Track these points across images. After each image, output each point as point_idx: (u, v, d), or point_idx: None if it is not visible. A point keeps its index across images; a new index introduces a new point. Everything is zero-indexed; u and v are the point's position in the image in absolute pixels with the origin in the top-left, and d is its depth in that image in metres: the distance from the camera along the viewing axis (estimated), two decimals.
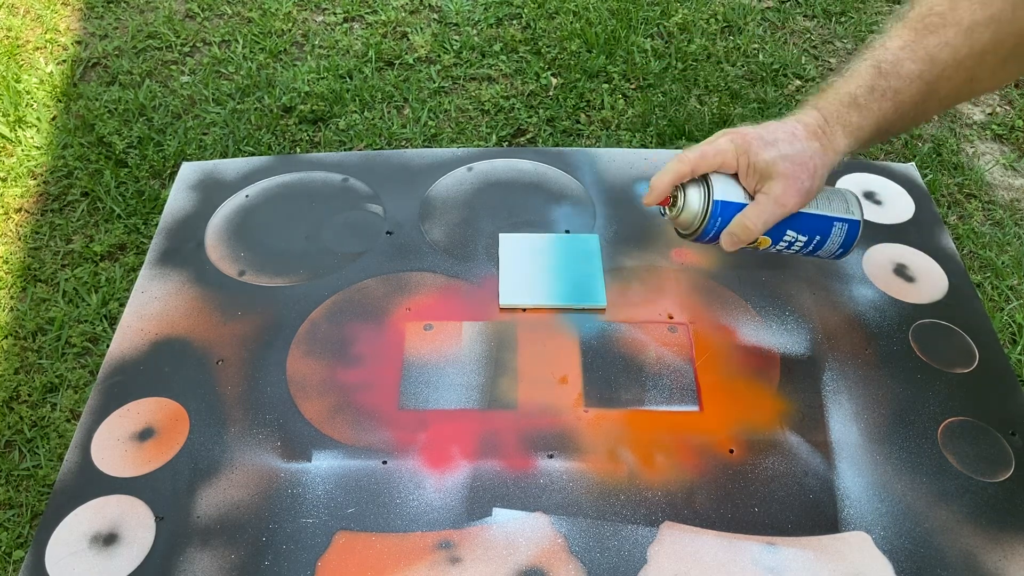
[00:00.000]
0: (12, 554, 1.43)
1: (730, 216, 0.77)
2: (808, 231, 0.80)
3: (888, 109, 0.76)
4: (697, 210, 0.78)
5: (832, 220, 0.80)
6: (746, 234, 0.77)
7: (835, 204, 0.81)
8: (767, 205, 0.76)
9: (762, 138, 0.76)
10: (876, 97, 0.76)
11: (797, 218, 0.79)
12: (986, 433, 0.83)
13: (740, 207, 0.77)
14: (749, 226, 0.77)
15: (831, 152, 0.77)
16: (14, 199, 1.97)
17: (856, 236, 0.82)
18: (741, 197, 0.78)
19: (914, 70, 0.76)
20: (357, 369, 0.87)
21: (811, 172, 0.76)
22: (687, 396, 0.85)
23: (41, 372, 1.66)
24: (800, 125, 0.77)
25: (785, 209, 0.77)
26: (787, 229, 0.79)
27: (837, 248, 0.82)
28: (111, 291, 1.78)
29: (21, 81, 2.22)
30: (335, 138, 2.10)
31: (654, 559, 0.74)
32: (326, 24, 2.42)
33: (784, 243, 0.80)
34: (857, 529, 0.76)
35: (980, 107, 2.26)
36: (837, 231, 0.81)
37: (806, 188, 0.76)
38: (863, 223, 0.82)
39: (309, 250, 0.99)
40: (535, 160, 1.10)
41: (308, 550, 0.74)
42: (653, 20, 2.39)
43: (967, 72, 0.76)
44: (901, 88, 0.76)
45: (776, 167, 0.75)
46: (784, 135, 0.76)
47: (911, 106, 0.77)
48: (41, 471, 1.52)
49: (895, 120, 0.77)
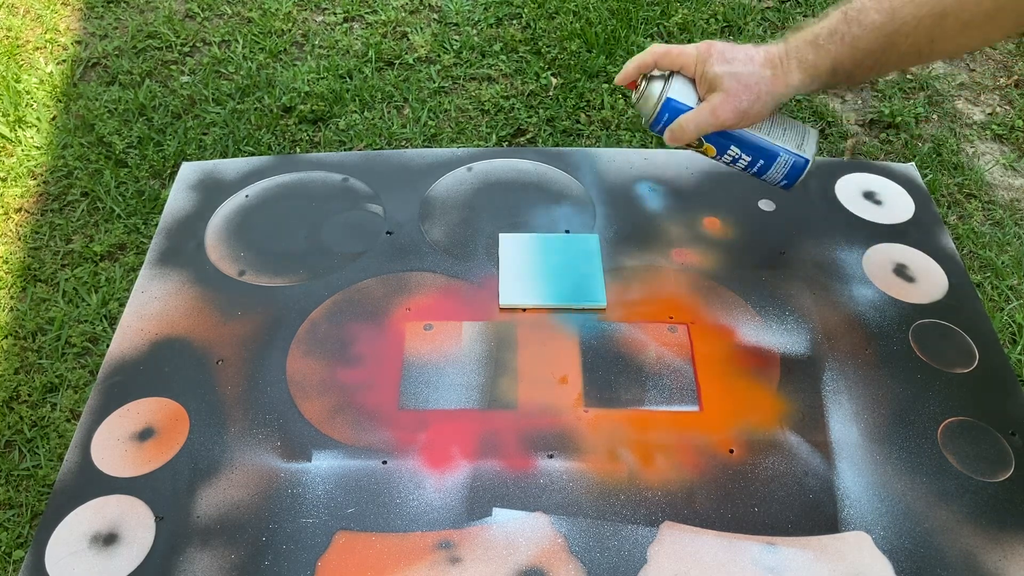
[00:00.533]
0: (12, 554, 1.43)
1: (677, 115, 0.86)
2: (751, 152, 0.87)
3: (845, 54, 0.81)
4: (653, 101, 0.86)
5: (779, 151, 0.87)
6: (680, 133, 0.86)
7: (789, 137, 0.87)
8: (703, 112, 0.84)
9: (723, 53, 0.83)
10: (835, 40, 0.80)
11: (743, 138, 0.87)
12: (986, 433, 0.83)
13: (686, 109, 0.85)
14: (684, 125, 0.85)
15: (781, 83, 0.82)
16: (14, 199, 1.97)
17: (800, 172, 0.88)
18: (692, 102, 0.85)
19: (876, 20, 0.79)
20: (357, 369, 0.87)
21: (754, 95, 0.82)
22: (687, 396, 0.85)
23: (41, 372, 1.66)
24: (762, 51, 0.83)
25: (717, 120, 0.84)
26: (731, 144, 0.87)
27: (781, 178, 0.89)
28: (111, 291, 1.78)
29: (21, 81, 2.22)
30: (335, 138, 2.10)
31: (654, 559, 0.74)
32: (326, 24, 2.42)
33: (728, 157, 0.88)
34: (857, 529, 0.76)
35: (980, 107, 2.26)
36: (781, 161, 0.88)
37: (743, 108, 0.83)
38: (811, 162, 0.88)
39: (309, 250, 0.99)
40: (535, 160, 1.10)
41: (308, 550, 0.74)
42: (653, 20, 2.39)
43: (927, 32, 0.78)
44: (860, 35, 0.80)
45: (721, 81, 0.82)
46: (743, 56, 0.83)
47: (868, 54, 0.80)
48: (41, 471, 1.52)
49: (852, 66, 0.81)
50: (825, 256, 0.98)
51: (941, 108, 2.24)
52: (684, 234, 1.01)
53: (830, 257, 0.98)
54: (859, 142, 2.14)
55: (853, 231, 1.02)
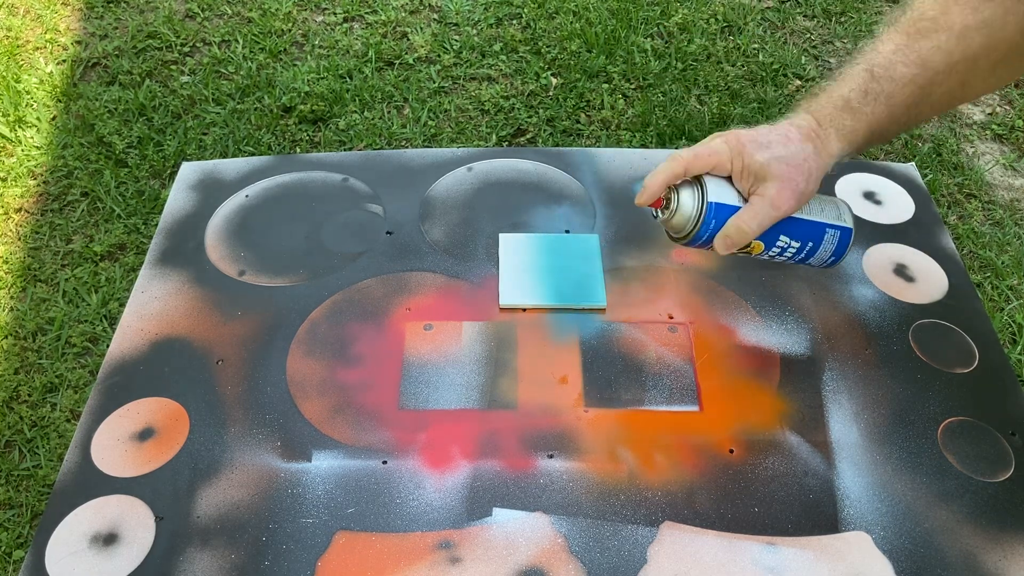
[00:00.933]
0: (12, 554, 1.43)
1: (724, 219, 0.77)
2: (801, 237, 0.80)
3: (881, 112, 0.76)
4: (691, 212, 0.77)
5: (825, 227, 0.80)
6: (741, 236, 0.77)
7: (827, 211, 0.81)
8: (762, 207, 0.76)
9: (756, 140, 0.76)
10: (869, 100, 0.76)
11: (790, 223, 0.79)
12: (986, 433, 0.83)
13: (734, 209, 0.77)
14: (744, 228, 0.76)
15: (825, 155, 0.77)
16: (14, 199, 1.97)
17: (848, 244, 0.82)
18: (735, 200, 0.77)
19: (907, 74, 0.76)
20: (357, 369, 0.87)
21: (806, 174, 0.76)
22: (687, 396, 0.85)
23: (41, 372, 1.66)
24: (794, 128, 0.77)
25: (780, 211, 0.76)
26: (780, 234, 0.79)
27: (829, 256, 0.82)
28: (111, 291, 1.78)
29: (21, 81, 2.22)
30: (335, 138, 2.10)
31: (654, 559, 0.74)
32: (326, 24, 2.42)
33: (777, 248, 0.80)
34: (857, 529, 0.76)
35: (980, 107, 2.26)
36: (829, 238, 0.81)
37: (800, 190, 0.76)
38: (855, 231, 0.82)
39: (309, 250, 0.99)
40: (535, 160, 1.10)
41: (308, 550, 0.74)
42: (653, 20, 2.39)
43: (959, 76, 0.76)
44: (894, 92, 0.76)
45: (771, 169, 0.75)
46: (778, 137, 0.76)
47: (904, 109, 0.77)
48: (41, 471, 1.52)
49: (888, 123, 0.77)
50: None
51: None
52: None
53: None
54: None
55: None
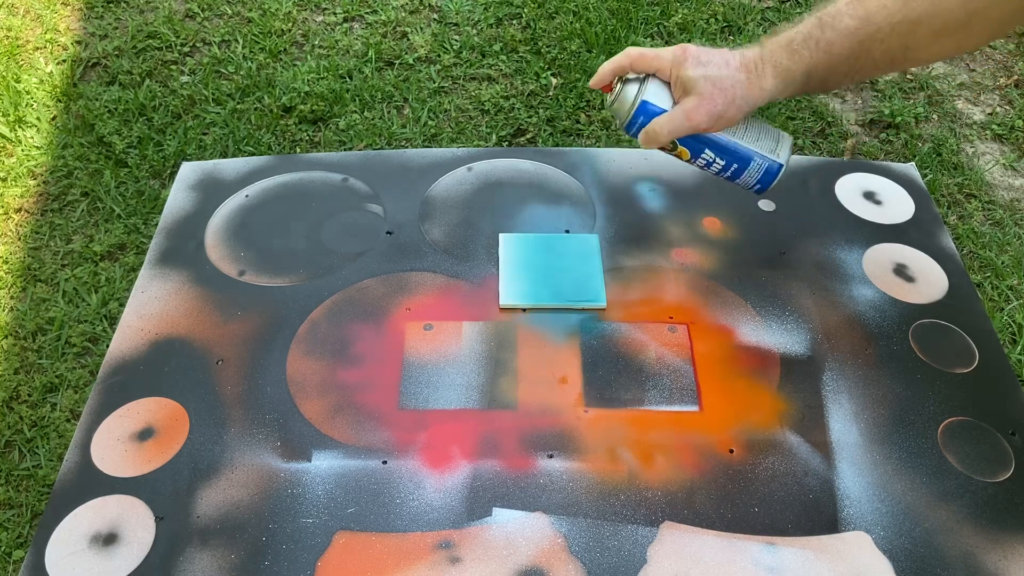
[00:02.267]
0: (12, 554, 1.43)
1: (651, 118, 0.85)
2: (725, 156, 0.87)
3: (819, 58, 0.80)
4: (627, 104, 0.85)
5: (753, 154, 0.86)
6: (654, 136, 0.84)
7: (763, 142, 0.87)
8: (676, 115, 0.83)
9: (698, 57, 0.82)
10: (810, 45, 0.80)
11: (717, 141, 0.86)
12: (986, 433, 0.83)
13: (660, 111, 0.84)
14: (657, 129, 0.84)
15: (756, 87, 0.82)
16: (14, 199, 1.97)
17: (774, 177, 0.88)
18: (667, 105, 0.85)
19: (850, 26, 0.79)
20: (357, 369, 0.87)
21: (728, 99, 0.81)
22: (687, 396, 0.85)
23: (41, 372, 1.66)
24: (738, 55, 0.82)
25: (691, 123, 0.82)
26: (705, 148, 0.86)
27: (754, 182, 0.88)
28: (111, 291, 1.78)
29: (21, 81, 2.22)
30: (335, 138, 2.09)
31: (654, 559, 0.74)
32: (326, 24, 2.42)
33: (703, 160, 0.88)
34: (857, 529, 0.76)
35: (980, 107, 2.26)
36: (755, 166, 0.87)
37: (718, 112, 0.82)
38: (784, 167, 0.87)
39: (309, 250, 0.99)
40: (535, 160, 1.10)
41: (308, 550, 0.74)
42: (653, 20, 2.39)
43: (900, 38, 0.79)
44: (835, 40, 0.79)
45: (696, 85, 0.81)
46: (718, 59, 0.82)
47: (842, 60, 0.80)
48: (41, 471, 1.52)
49: (826, 72, 0.81)
50: (825, 256, 0.98)
51: (941, 108, 2.24)
52: (684, 234, 1.01)
53: (830, 257, 0.98)
54: (859, 142, 2.14)
55: (853, 231, 1.02)
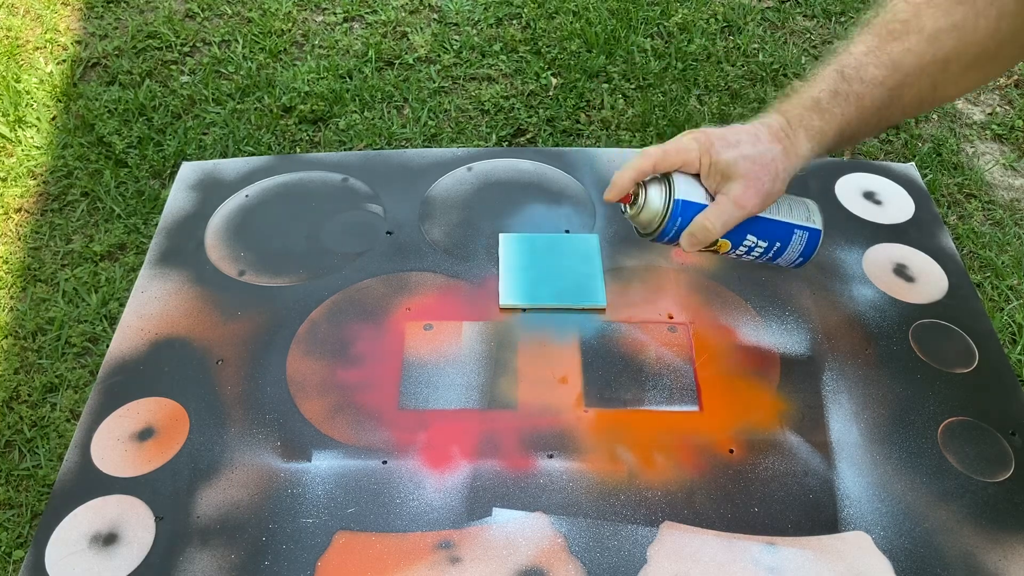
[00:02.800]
0: (12, 554, 1.43)
1: (690, 216, 0.77)
2: (768, 236, 0.80)
3: (851, 114, 0.76)
4: (658, 208, 0.77)
5: (793, 227, 0.81)
6: (705, 235, 0.77)
7: (796, 212, 0.81)
8: (727, 206, 0.76)
9: (725, 138, 0.76)
10: (839, 101, 0.76)
11: (757, 223, 0.79)
12: (986, 433, 0.83)
13: (701, 207, 0.77)
14: (708, 226, 0.77)
15: (793, 155, 0.77)
16: (14, 199, 1.97)
17: (816, 245, 0.82)
18: (702, 198, 0.77)
19: (877, 75, 0.76)
20: (357, 369, 0.87)
21: (773, 174, 0.76)
22: (687, 396, 0.85)
23: (41, 372, 1.66)
24: (763, 127, 0.77)
25: (745, 211, 0.76)
26: (747, 233, 0.79)
27: (797, 256, 0.82)
28: (111, 291, 1.78)
29: (21, 81, 2.22)
30: (335, 138, 2.09)
31: (654, 559, 0.74)
32: (326, 24, 2.42)
33: (744, 247, 0.81)
34: (857, 529, 0.76)
35: (980, 107, 2.26)
36: (797, 239, 0.81)
37: (767, 190, 0.76)
38: (823, 232, 0.82)
39: (309, 250, 0.99)
40: (535, 160, 1.10)
41: (308, 550, 0.74)
42: (653, 20, 2.39)
43: (930, 79, 0.76)
44: (864, 93, 0.76)
45: (737, 167, 0.75)
46: (747, 136, 0.76)
47: (873, 111, 0.77)
48: (41, 471, 1.52)
49: (858, 125, 0.78)
50: (825, 256, 0.98)
51: (941, 108, 2.24)
52: None
53: (830, 257, 0.98)
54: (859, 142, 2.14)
55: (853, 231, 1.02)
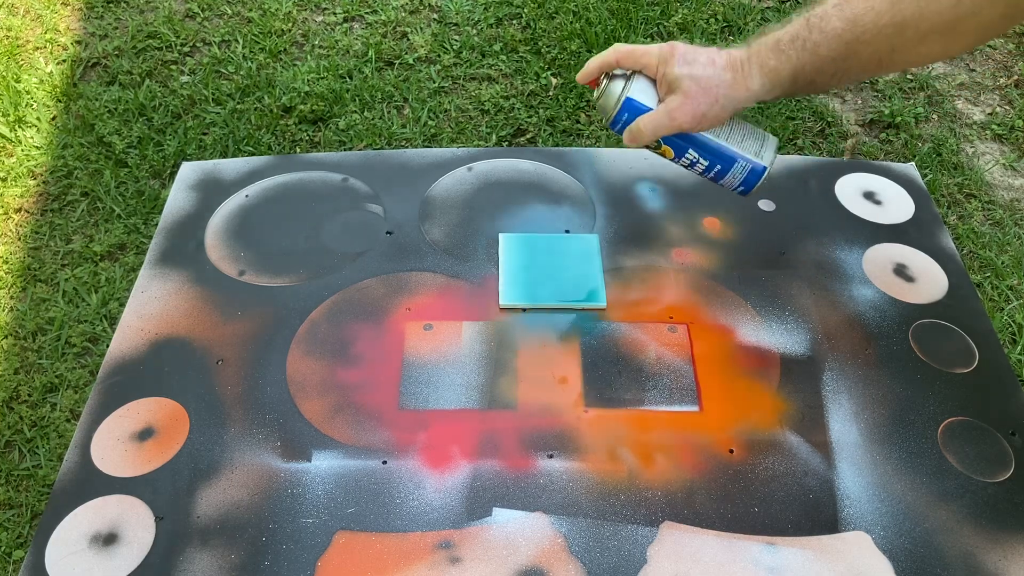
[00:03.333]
0: (12, 554, 1.43)
1: (635, 116, 0.84)
2: (709, 157, 0.86)
3: (806, 60, 0.80)
4: (612, 101, 0.85)
5: (736, 156, 0.86)
6: (638, 134, 0.84)
7: (747, 144, 0.86)
8: (661, 115, 0.83)
9: (685, 55, 0.82)
10: (797, 47, 0.80)
11: (701, 141, 0.85)
12: (986, 433, 0.83)
13: (646, 110, 0.84)
14: (642, 127, 0.84)
15: (742, 88, 0.81)
16: (14, 199, 1.97)
17: (757, 180, 0.87)
18: (652, 103, 0.84)
19: (837, 27, 0.79)
20: (357, 369, 0.87)
21: (712, 99, 0.81)
22: (687, 396, 0.85)
23: (41, 372, 1.66)
24: (724, 55, 0.82)
25: (675, 123, 0.82)
26: (689, 148, 0.86)
27: (738, 184, 0.88)
28: (111, 291, 1.78)
29: (21, 81, 2.22)
30: (335, 138, 2.09)
31: (654, 559, 0.74)
32: (326, 24, 2.42)
33: (686, 160, 0.87)
34: (857, 529, 0.76)
35: (980, 107, 2.26)
36: (739, 167, 0.86)
37: (701, 112, 0.81)
38: (768, 170, 0.87)
39: (309, 250, 0.99)
40: (535, 160, 1.10)
41: (308, 550, 0.74)
42: (653, 20, 2.39)
43: (887, 40, 0.78)
44: (821, 42, 0.79)
45: (681, 83, 0.81)
46: (704, 58, 0.81)
47: (829, 61, 0.80)
48: (41, 471, 1.52)
49: (813, 73, 0.81)
50: (825, 256, 0.98)
51: (941, 108, 2.24)
52: (684, 234, 1.01)
53: (830, 257, 0.98)
54: (859, 142, 2.14)
55: (853, 231, 1.02)
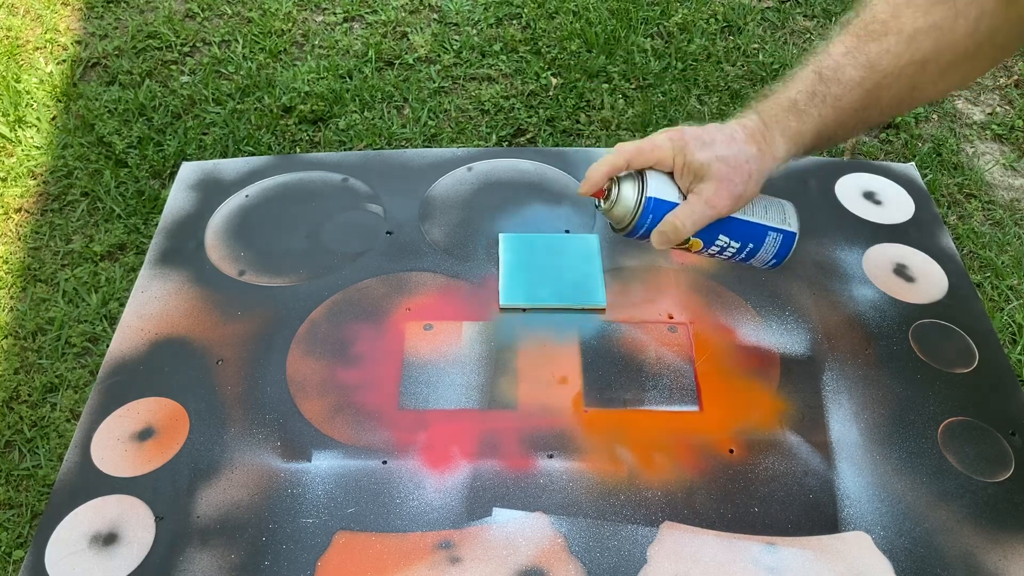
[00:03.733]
0: (12, 554, 1.43)
1: (662, 214, 0.77)
2: (740, 237, 0.80)
3: (828, 115, 0.76)
4: (630, 205, 0.77)
5: (767, 229, 0.80)
6: (675, 233, 0.77)
7: (772, 213, 0.81)
8: (697, 206, 0.76)
9: (700, 138, 0.76)
10: (816, 103, 0.76)
11: (730, 223, 0.79)
12: (986, 433, 0.83)
13: (672, 206, 0.77)
14: (678, 225, 0.76)
15: (769, 157, 0.76)
16: (14, 199, 1.97)
17: (790, 248, 0.82)
18: (675, 196, 0.77)
19: (855, 76, 0.75)
20: (357, 369, 0.87)
21: (745, 176, 0.76)
22: (687, 396, 0.85)
23: (41, 372, 1.66)
24: (740, 128, 0.76)
25: (715, 211, 0.76)
26: (719, 233, 0.79)
27: (771, 258, 0.82)
28: (111, 291, 1.78)
29: (21, 81, 2.22)
30: (335, 138, 2.10)
31: (654, 559, 0.74)
32: (326, 24, 2.42)
33: (716, 247, 0.81)
34: (857, 529, 0.76)
35: (980, 107, 2.26)
36: (771, 240, 0.81)
37: (738, 192, 0.76)
38: (798, 235, 0.82)
39: (309, 250, 0.99)
40: (535, 160, 1.10)
41: (308, 550, 0.74)
42: (653, 20, 2.39)
43: (908, 80, 0.76)
44: (842, 94, 0.76)
45: (710, 168, 0.75)
46: (722, 137, 0.76)
47: (851, 113, 0.76)
48: (41, 471, 1.52)
49: (835, 127, 0.77)
50: (825, 256, 0.98)
51: (941, 108, 2.24)
52: None
53: (830, 257, 0.98)
54: (859, 142, 2.14)
55: (853, 231, 1.02)
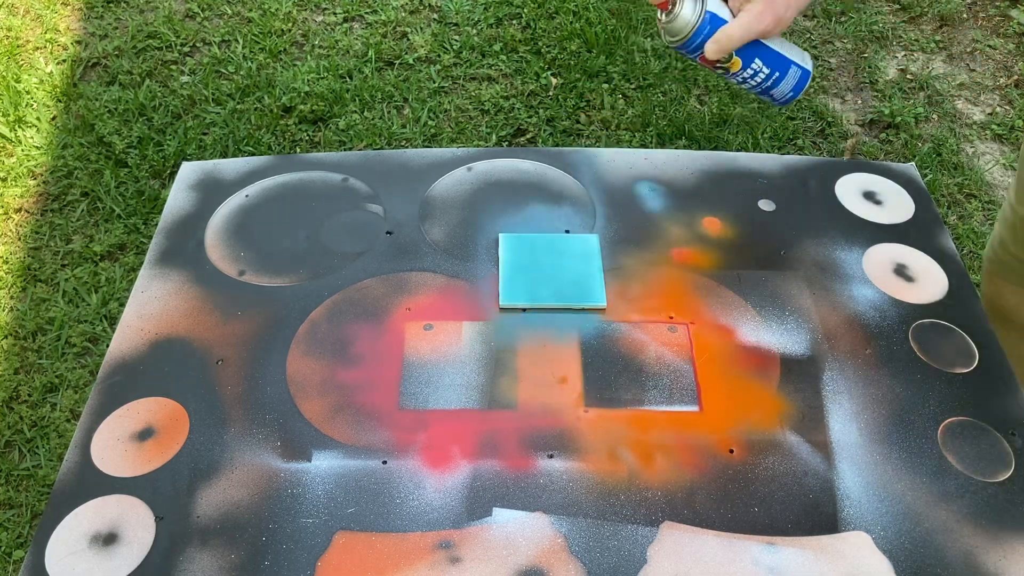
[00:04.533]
0: (12, 554, 1.43)
1: (716, 28, 0.87)
2: (771, 64, 0.90)
3: None
4: (689, 19, 0.87)
5: (791, 63, 0.91)
6: (728, 41, 0.87)
7: (795, 52, 0.92)
8: (748, 19, 0.87)
9: None
10: None
11: (766, 51, 0.89)
12: (986, 433, 0.83)
13: (724, 22, 0.87)
14: (731, 34, 0.87)
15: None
16: (14, 199, 1.97)
17: (804, 85, 0.93)
18: (726, 15, 0.88)
19: None
20: (357, 369, 0.87)
21: (786, 2, 0.86)
22: (687, 396, 0.85)
23: (41, 372, 1.66)
24: None
25: (762, 26, 0.87)
26: (756, 56, 0.90)
27: (788, 91, 0.93)
28: (111, 291, 1.78)
29: (21, 81, 2.22)
30: (335, 138, 2.10)
31: (654, 559, 0.74)
32: (326, 24, 2.42)
33: (751, 70, 0.91)
34: (857, 529, 0.76)
35: (980, 107, 2.26)
36: (792, 74, 0.91)
37: (779, 15, 0.86)
38: (812, 74, 0.94)
39: (309, 250, 0.99)
40: (535, 160, 1.10)
41: (308, 550, 0.74)
42: (653, 20, 2.39)
43: None
44: None
45: None
46: None
47: None
48: (41, 471, 1.52)
49: None
50: (825, 256, 0.99)
51: (941, 108, 2.24)
52: (684, 234, 1.01)
53: (830, 257, 0.98)
54: (859, 142, 2.14)
55: (853, 231, 1.02)
